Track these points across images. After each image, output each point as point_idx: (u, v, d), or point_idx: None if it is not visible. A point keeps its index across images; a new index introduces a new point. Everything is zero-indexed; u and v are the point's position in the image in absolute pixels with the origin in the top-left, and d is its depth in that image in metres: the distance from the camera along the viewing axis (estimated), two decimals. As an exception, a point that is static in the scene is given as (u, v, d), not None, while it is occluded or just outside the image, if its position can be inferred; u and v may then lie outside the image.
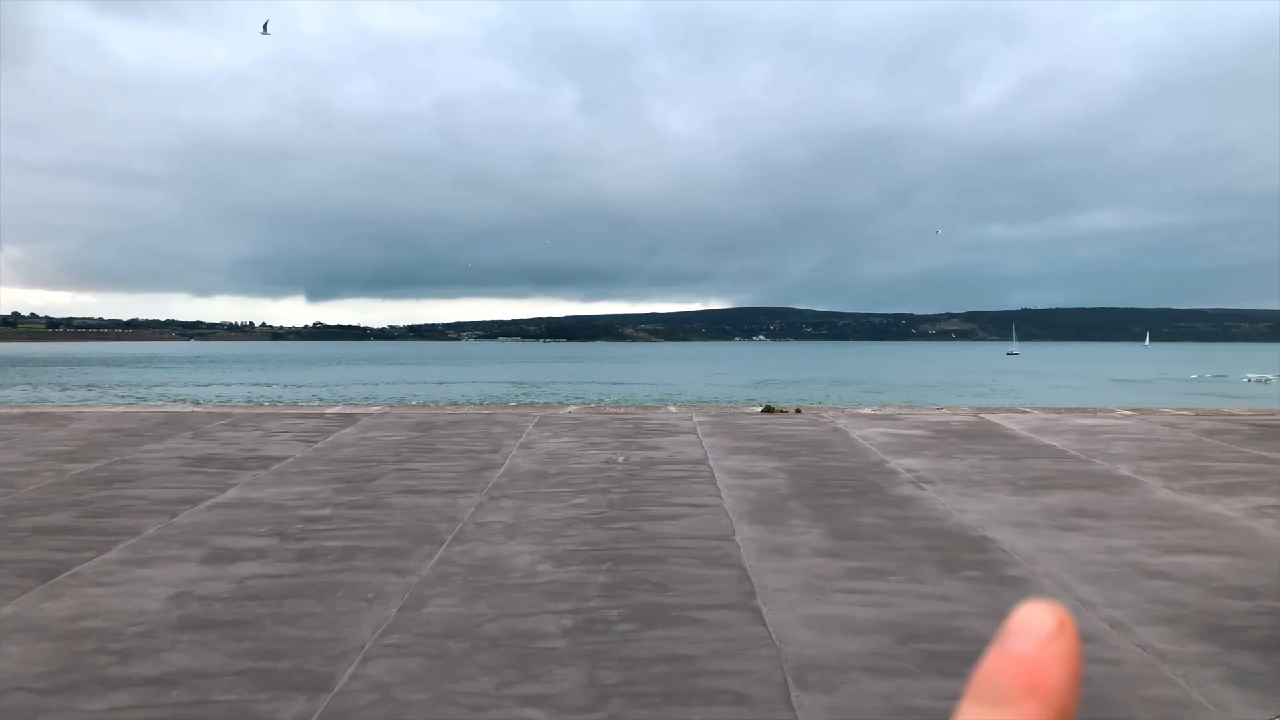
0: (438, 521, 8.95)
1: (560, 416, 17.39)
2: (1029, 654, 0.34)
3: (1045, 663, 0.34)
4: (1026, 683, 0.34)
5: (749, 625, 6.15)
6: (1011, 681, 0.34)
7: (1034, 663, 0.34)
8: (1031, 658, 0.34)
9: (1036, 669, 0.34)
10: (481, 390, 79.49)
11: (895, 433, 15.17)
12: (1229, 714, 4.83)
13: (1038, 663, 0.34)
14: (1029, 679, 0.34)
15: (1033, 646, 0.34)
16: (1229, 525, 8.75)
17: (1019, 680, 0.34)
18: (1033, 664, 0.34)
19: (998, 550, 7.95)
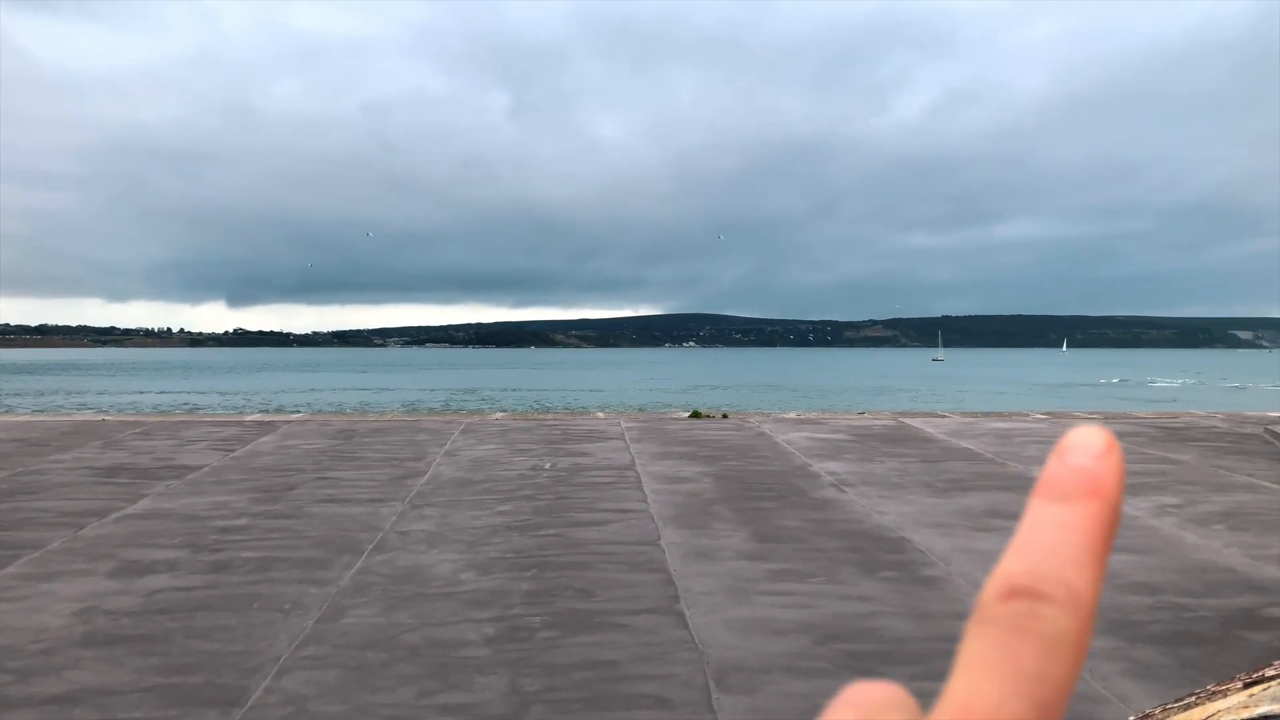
0: (358, 531, 8.80)
1: (487, 423, 17.26)
2: (1087, 465, 0.39)
3: (1102, 472, 0.39)
4: (1089, 487, 0.39)
5: (672, 629, 6.18)
6: (1076, 486, 0.39)
7: (1093, 471, 0.39)
8: (1090, 467, 0.39)
9: (1096, 476, 0.39)
10: (407, 397, 78.43)
11: (818, 437, 15.41)
12: (1130, 706, 5.02)
13: (1096, 472, 0.39)
14: (1090, 484, 0.39)
15: (1089, 460, 0.39)
16: (1133, 524, 9.09)
17: (1082, 485, 0.39)
18: (1092, 472, 0.39)
19: (915, 551, 8.13)
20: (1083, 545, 0.39)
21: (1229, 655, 5.63)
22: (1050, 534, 0.39)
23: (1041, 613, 0.39)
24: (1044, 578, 0.39)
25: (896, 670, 5.47)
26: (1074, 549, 0.39)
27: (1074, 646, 0.39)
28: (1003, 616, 0.40)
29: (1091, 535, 0.39)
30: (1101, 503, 0.39)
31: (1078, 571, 0.39)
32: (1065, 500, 0.39)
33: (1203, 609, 6.53)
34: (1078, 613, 0.39)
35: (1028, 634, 0.39)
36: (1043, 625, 0.39)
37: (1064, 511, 0.39)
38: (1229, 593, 6.90)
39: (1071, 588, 0.39)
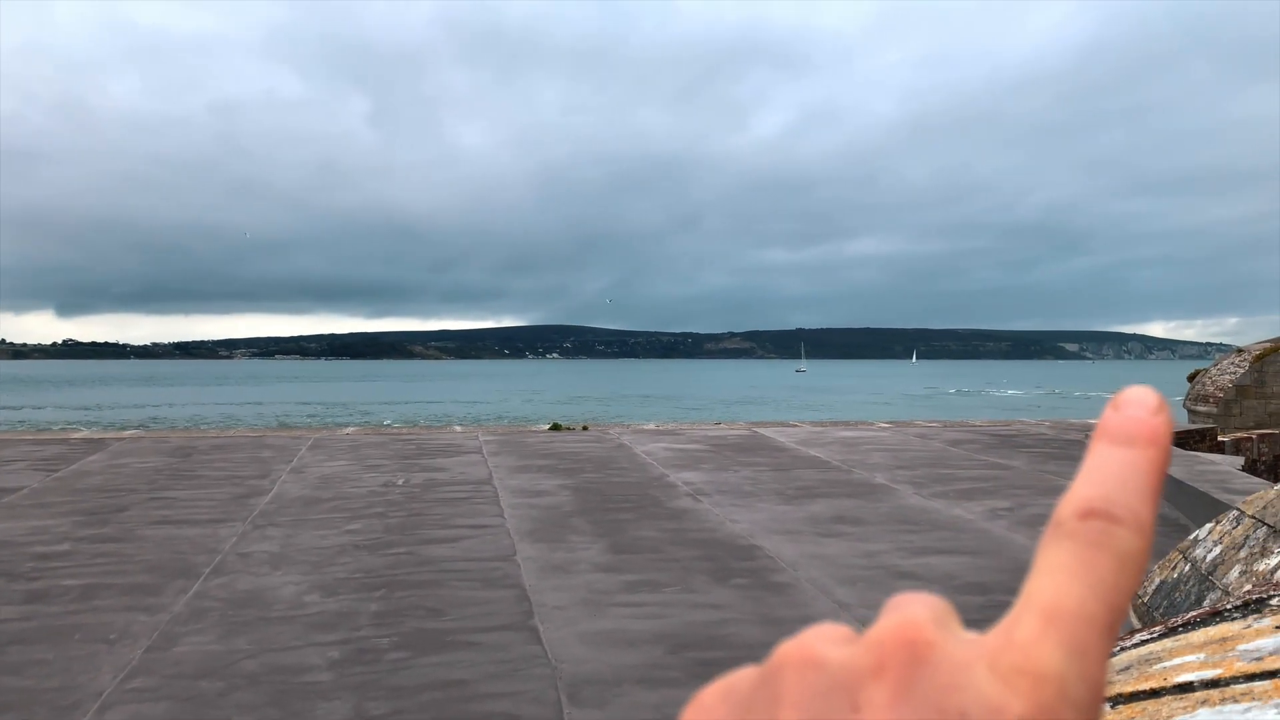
0: (195, 553, 8.35)
1: (337, 439, 16.70)
2: (1145, 416, 0.45)
3: (1160, 424, 0.45)
4: (1149, 434, 0.45)
5: (525, 645, 6.12)
6: (1137, 433, 0.45)
7: (1151, 422, 0.45)
8: (1147, 419, 0.45)
9: (1154, 426, 0.45)
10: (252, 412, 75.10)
11: (676, 447, 15.62)
12: (962, 700, 5.28)
13: (1153, 423, 0.45)
14: (1150, 432, 0.45)
15: (1146, 413, 0.45)
16: (968, 527, 9.59)
17: (1142, 433, 0.45)
18: (1150, 423, 0.45)
19: (765, 558, 8.33)
20: (1145, 483, 0.45)
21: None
22: (1118, 470, 0.45)
23: (1115, 532, 0.45)
24: (1116, 504, 0.45)
25: (745, 676, 5.58)
26: (1138, 484, 0.45)
27: (1140, 564, 0.45)
28: (1081, 532, 0.45)
29: (1151, 475, 0.45)
30: (1158, 449, 0.45)
31: (1143, 503, 0.45)
32: (1129, 445, 0.45)
33: (1028, 606, 6.94)
34: (1144, 537, 0.45)
35: (1104, 549, 0.45)
36: (1117, 543, 0.45)
37: (1128, 453, 0.45)
38: (1051, 589, 7.37)
39: (1139, 515, 0.45)
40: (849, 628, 0.45)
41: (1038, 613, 0.45)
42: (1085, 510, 0.45)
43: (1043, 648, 0.45)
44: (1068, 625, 0.45)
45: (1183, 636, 1.35)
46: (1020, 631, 0.45)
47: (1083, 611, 0.45)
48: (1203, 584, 5.35)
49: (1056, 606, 0.45)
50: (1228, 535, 5.52)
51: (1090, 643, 0.45)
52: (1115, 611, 0.45)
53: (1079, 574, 0.45)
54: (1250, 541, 5.18)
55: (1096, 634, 0.45)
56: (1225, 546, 5.40)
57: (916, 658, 0.45)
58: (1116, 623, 0.45)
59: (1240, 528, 5.45)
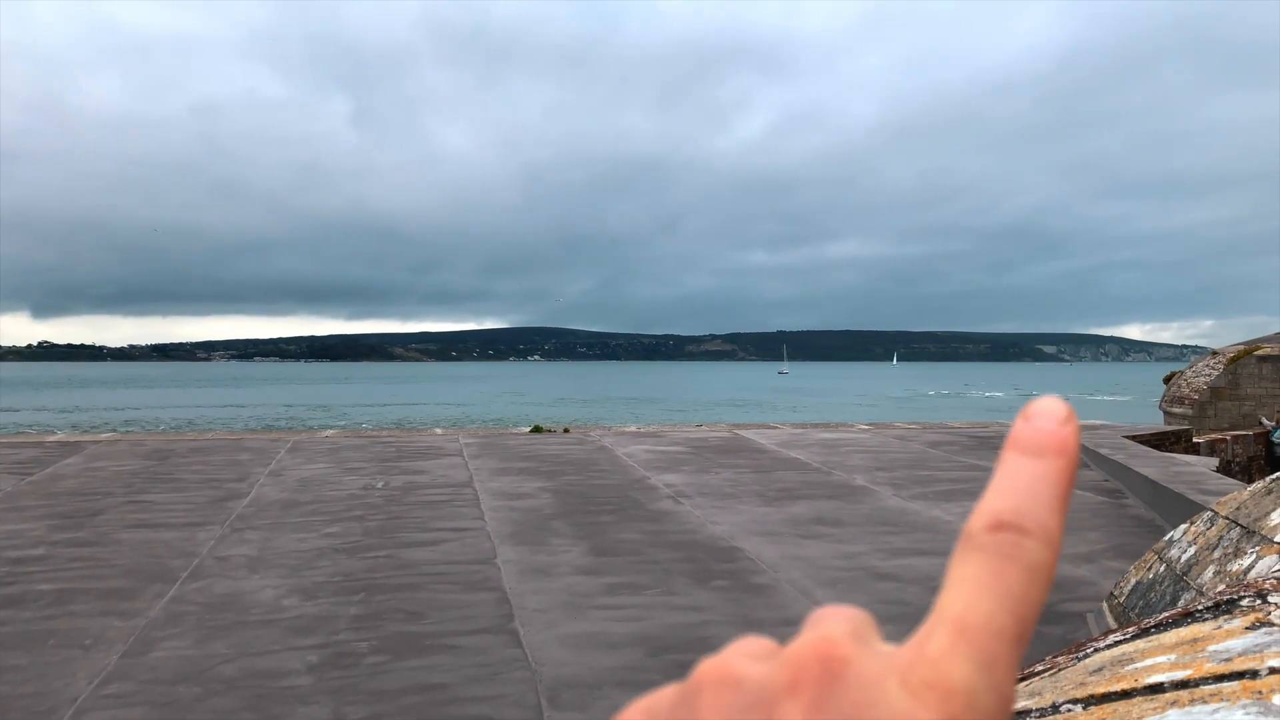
0: (172, 557, 8.27)
1: (316, 441, 16.60)
2: (1053, 428, 0.46)
3: (1065, 434, 0.46)
4: (1058, 445, 0.46)
5: (506, 648, 6.10)
6: (1047, 444, 0.46)
7: (1059, 433, 0.46)
8: (1056, 430, 0.46)
9: (1062, 437, 0.46)
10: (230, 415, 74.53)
11: (657, 449, 15.62)
12: (941, 701, 5.31)
13: (1061, 433, 0.46)
14: (1059, 443, 0.46)
15: (1054, 424, 0.46)
16: (948, 529, 9.64)
17: (1051, 444, 0.46)
18: (1058, 434, 0.46)
19: (746, 560, 8.34)
20: (1053, 494, 0.46)
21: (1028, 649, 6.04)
22: (1027, 481, 0.46)
23: (1024, 544, 0.46)
24: (1025, 516, 0.46)
25: (726, 678, 5.58)
26: (1047, 496, 0.46)
27: (1048, 575, 0.46)
28: (991, 544, 0.46)
29: (1060, 486, 0.46)
30: (1067, 460, 0.46)
31: (1051, 514, 0.46)
32: (1038, 455, 0.46)
33: (1006, 606, 6.99)
34: (1052, 548, 0.46)
35: (1013, 561, 0.46)
36: (1026, 555, 0.46)
37: (1037, 464, 0.46)
38: (1029, 590, 7.42)
39: (1047, 527, 0.46)
40: (773, 642, 0.45)
41: (948, 626, 0.46)
42: (995, 523, 0.46)
43: (953, 661, 0.46)
44: (977, 638, 0.46)
45: (1155, 637, 1.37)
46: (931, 645, 0.46)
47: (992, 624, 0.46)
48: (1178, 584, 5.41)
49: (966, 619, 0.46)
50: (1202, 536, 5.58)
51: (999, 654, 0.46)
52: (1024, 623, 0.46)
53: (989, 586, 0.46)
54: (1224, 542, 5.24)
55: (1005, 646, 0.46)
56: (1200, 547, 5.46)
57: (831, 675, 0.46)
58: (1025, 634, 0.46)
59: (1214, 528, 5.51)
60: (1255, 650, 1.05)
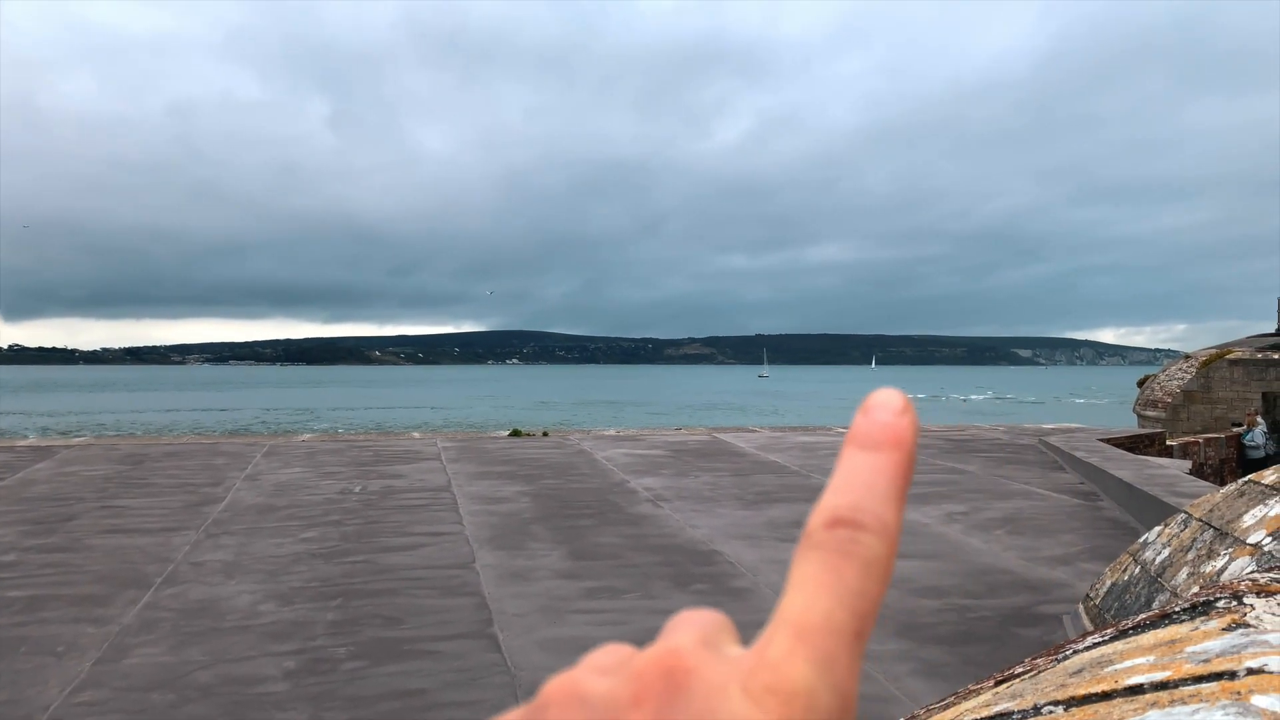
0: (146, 563, 8.18)
1: (292, 445, 16.48)
2: (890, 420, 0.46)
3: (902, 426, 0.46)
4: (894, 437, 0.46)
5: (484, 653, 6.07)
6: (885, 437, 0.46)
7: (895, 425, 0.46)
8: (892, 422, 0.46)
9: (898, 429, 0.46)
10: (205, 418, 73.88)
11: (636, 453, 15.62)
12: (919, 704, 5.33)
13: (897, 425, 0.46)
14: (895, 435, 0.46)
15: (891, 416, 0.46)
16: (924, 531, 9.69)
17: (888, 437, 0.46)
18: (894, 426, 0.46)
19: (725, 563, 8.35)
20: (890, 486, 0.46)
21: (1005, 651, 6.08)
22: (865, 476, 0.46)
23: (861, 539, 0.46)
24: (862, 510, 0.46)
25: (705, 682, 5.59)
26: (884, 489, 0.46)
27: (885, 569, 0.46)
28: (829, 541, 0.46)
29: (897, 478, 0.47)
30: (903, 452, 0.46)
31: (887, 507, 0.46)
32: (876, 449, 0.46)
33: (984, 609, 7.03)
34: (889, 541, 0.46)
35: (850, 557, 0.46)
36: (863, 550, 0.46)
37: (875, 458, 0.46)
38: (1007, 593, 7.47)
39: (884, 520, 0.46)
40: (630, 649, 0.46)
41: (787, 628, 0.46)
42: (832, 519, 0.46)
43: (792, 664, 0.46)
44: (816, 638, 0.46)
45: (1133, 639, 1.38)
46: (771, 649, 0.46)
47: (830, 623, 0.46)
48: (1152, 586, 5.46)
49: (805, 620, 0.46)
50: (1176, 538, 5.64)
51: (838, 653, 0.46)
52: (863, 618, 0.46)
53: (826, 584, 0.46)
54: (1198, 544, 5.30)
55: (845, 643, 0.46)
56: (1174, 549, 5.52)
57: (674, 686, 0.46)
58: (865, 628, 0.46)
59: (1188, 530, 5.57)
60: (1233, 651, 1.07)
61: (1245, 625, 1.25)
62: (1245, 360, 25.51)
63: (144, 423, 66.68)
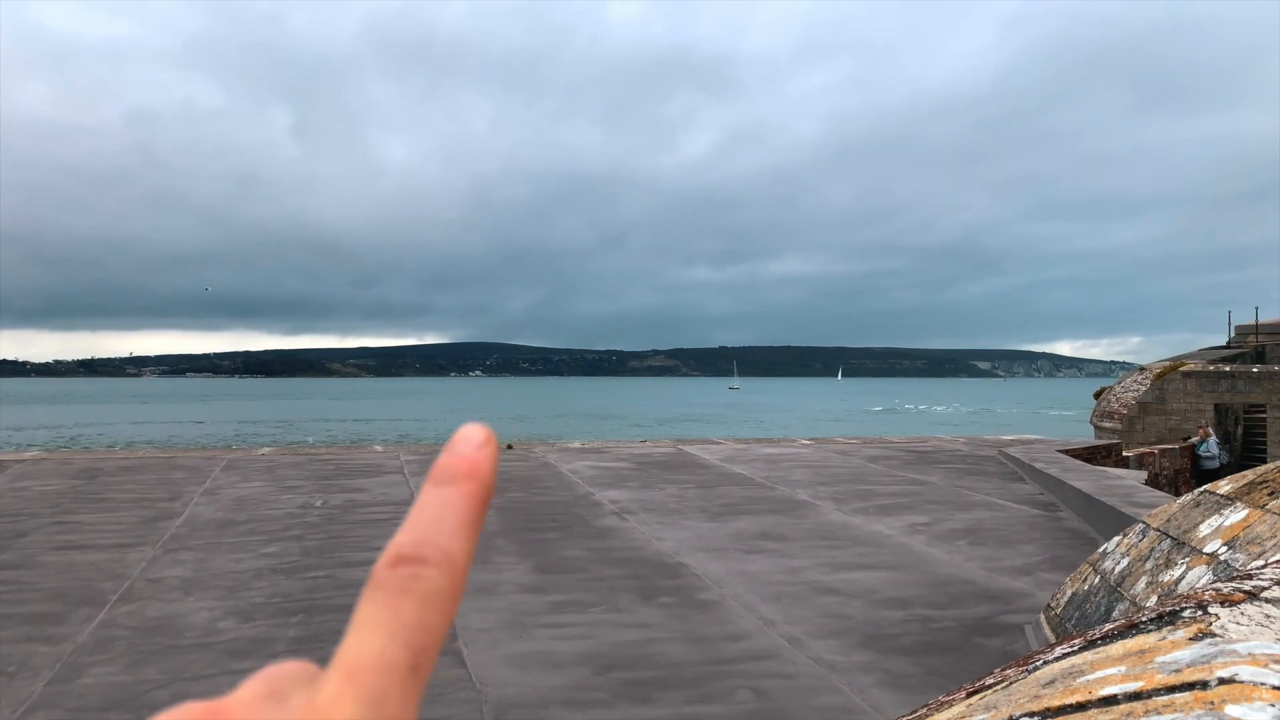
0: (101, 580, 8.01)
1: (252, 459, 16.24)
2: (471, 454, 0.48)
3: (481, 459, 0.48)
4: (469, 469, 0.48)
5: (449, 669, 6.01)
6: (460, 470, 0.48)
7: (474, 459, 0.48)
8: (472, 456, 0.48)
9: (474, 461, 0.48)
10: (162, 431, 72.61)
11: (602, 465, 15.59)
12: (885, 715, 5.36)
13: (476, 459, 0.48)
14: (470, 467, 0.48)
15: (473, 449, 0.48)
16: (888, 542, 9.77)
17: (463, 469, 0.48)
18: (473, 459, 0.48)
19: (691, 575, 8.35)
20: (460, 518, 0.48)
21: (969, 662, 6.13)
22: (435, 510, 0.48)
23: (422, 574, 0.48)
24: (425, 545, 0.48)
25: (672, 694, 5.58)
26: (453, 521, 0.48)
27: (447, 599, 0.48)
28: (390, 580, 0.48)
29: (468, 509, 0.48)
30: (478, 483, 0.48)
31: (454, 539, 0.48)
32: (450, 483, 0.48)
33: (947, 620, 7.09)
34: (451, 572, 0.48)
35: (410, 593, 0.48)
36: (423, 584, 0.48)
37: (447, 492, 0.48)
38: (970, 603, 7.54)
39: (447, 552, 0.48)
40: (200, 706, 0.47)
41: (339, 671, 0.48)
42: (395, 558, 0.48)
43: (340, 707, 0.48)
44: (366, 677, 0.48)
45: (1102, 649, 1.40)
46: (320, 694, 0.48)
47: (382, 660, 0.48)
48: (1112, 595, 5.55)
49: (356, 660, 0.48)
50: (1134, 548, 5.74)
51: (389, 689, 0.48)
52: (420, 652, 0.48)
53: (382, 623, 0.48)
54: (1155, 553, 5.39)
55: (397, 678, 0.48)
56: (1132, 559, 5.61)
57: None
58: (423, 662, 0.48)
59: (1146, 540, 5.67)
60: (1203, 661, 1.08)
61: (1212, 635, 1.27)
62: (1198, 373, 26.06)
63: (99, 437, 65.40)
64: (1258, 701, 0.92)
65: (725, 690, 5.64)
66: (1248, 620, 1.33)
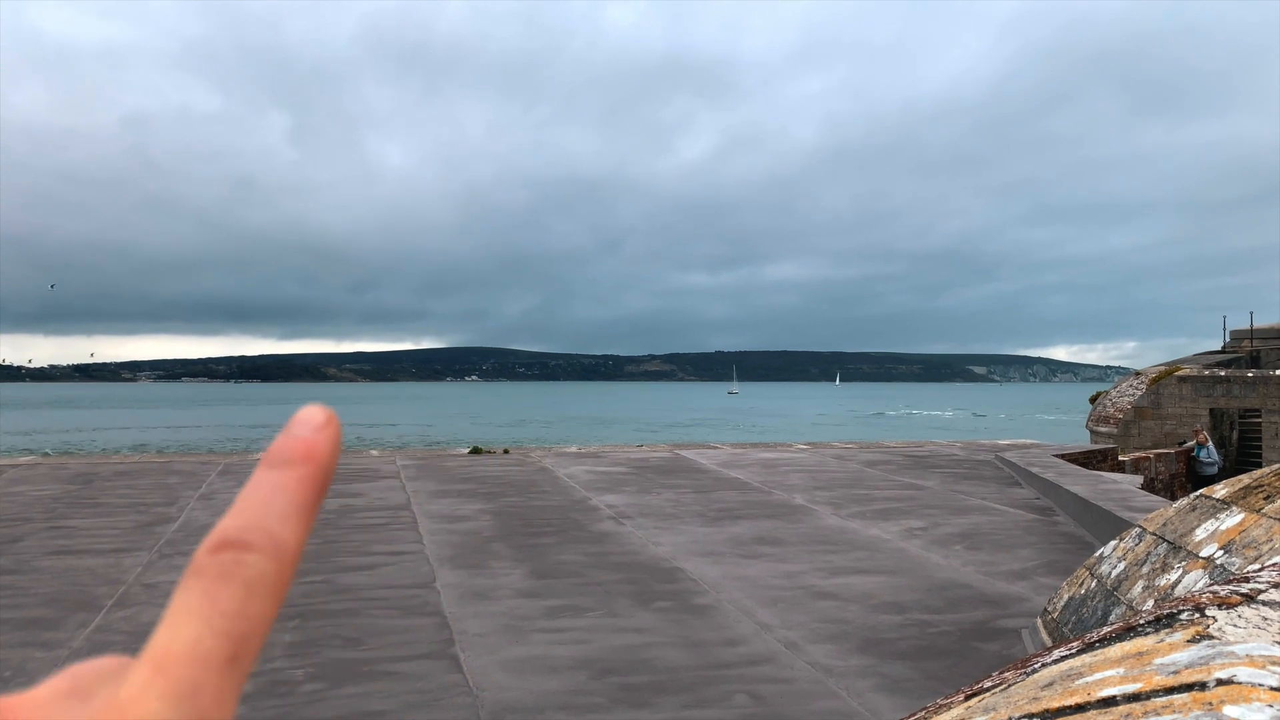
0: (96, 585, 7.99)
1: (247, 464, 16.21)
2: (308, 436, 0.46)
3: (319, 441, 0.46)
4: (305, 452, 0.45)
5: (446, 674, 6.00)
6: (295, 452, 0.45)
7: (312, 441, 0.46)
8: (310, 438, 0.46)
9: (314, 445, 0.46)
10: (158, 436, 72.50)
11: (598, 470, 15.58)
12: (882, 719, 5.36)
13: (314, 441, 0.46)
14: (306, 451, 0.46)
15: (310, 432, 0.46)
16: (885, 547, 9.77)
17: (298, 452, 0.45)
18: (311, 442, 0.46)
19: (688, 580, 8.35)
20: (291, 502, 0.46)
21: (966, 666, 6.14)
22: (264, 494, 0.46)
23: (245, 560, 0.45)
24: (251, 530, 0.45)
25: (669, 699, 5.57)
26: (283, 505, 0.45)
27: (273, 586, 0.46)
28: (210, 566, 0.45)
29: (300, 493, 0.46)
30: (313, 466, 0.46)
31: (284, 524, 0.45)
32: (284, 466, 0.46)
33: (944, 624, 7.10)
34: (279, 558, 0.45)
35: (231, 579, 0.45)
36: (245, 570, 0.45)
37: (280, 475, 0.46)
38: (967, 607, 7.54)
39: (275, 537, 0.46)
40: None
41: (147, 664, 0.45)
42: (218, 543, 0.46)
43: (144, 702, 0.45)
44: (176, 669, 0.45)
45: (1100, 652, 1.40)
46: (124, 688, 0.45)
47: (197, 651, 0.45)
48: (1108, 599, 5.55)
49: (166, 652, 0.45)
50: (1131, 552, 5.74)
51: (204, 681, 0.45)
52: (240, 640, 0.45)
53: (197, 611, 0.45)
54: (1152, 558, 5.40)
55: (213, 670, 0.45)
56: (1129, 563, 5.61)
57: None
58: (243, 652, 0.45)
59: (1142, 544, 5.68)
60: (1201, 662, 1.09)
61: (1210, 637, 1.28)
62: (1193, 377, 26.12)
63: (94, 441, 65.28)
64: (1256, 702, 0.93)
65: (722, 695, 5.64)
66: (1245, 623, 1.33)
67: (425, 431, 79.26)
